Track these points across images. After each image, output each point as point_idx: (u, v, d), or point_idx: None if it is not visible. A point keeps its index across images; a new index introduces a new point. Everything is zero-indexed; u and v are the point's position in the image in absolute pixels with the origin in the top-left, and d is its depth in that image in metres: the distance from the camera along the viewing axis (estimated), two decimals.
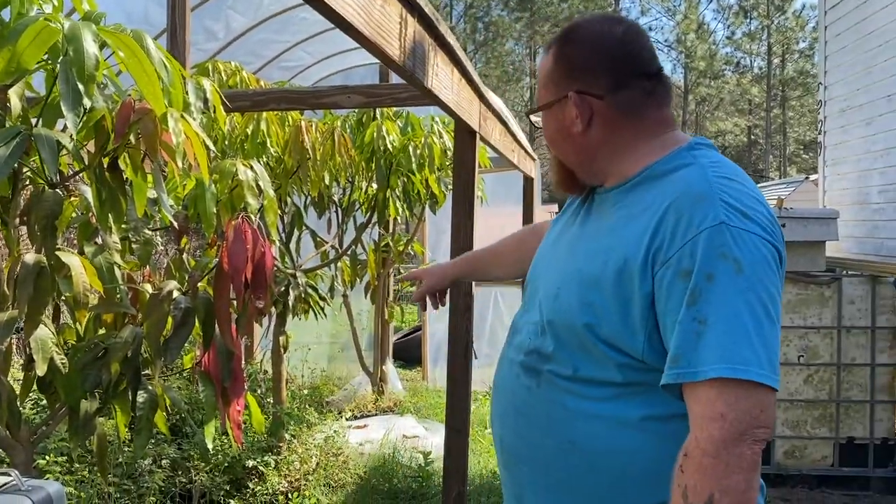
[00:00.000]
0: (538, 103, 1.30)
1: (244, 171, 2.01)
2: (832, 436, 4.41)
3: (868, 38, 5.55)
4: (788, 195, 10.98)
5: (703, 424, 1.01)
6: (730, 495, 0.98)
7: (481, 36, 30.12)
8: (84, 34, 1.30)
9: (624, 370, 1.14)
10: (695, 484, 1.00)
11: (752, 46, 30.81)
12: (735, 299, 1.02)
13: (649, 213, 1.12)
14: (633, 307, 1.11)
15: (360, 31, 1.25)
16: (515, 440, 1.29)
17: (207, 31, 5.46)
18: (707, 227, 1.05)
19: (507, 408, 1.31)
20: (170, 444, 3.67)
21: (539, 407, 1.24)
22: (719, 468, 0.98)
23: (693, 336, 1.03)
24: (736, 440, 0.99)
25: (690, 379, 1.03)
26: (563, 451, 1.21)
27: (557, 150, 1.31)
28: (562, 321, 1.20)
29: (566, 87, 1.23)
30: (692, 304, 1.03)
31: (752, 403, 1.00)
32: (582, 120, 1.22)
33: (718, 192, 1.08)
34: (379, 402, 5.83)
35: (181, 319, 1.73)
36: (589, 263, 1.18)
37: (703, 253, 1.04)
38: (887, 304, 4.36)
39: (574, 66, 1.24)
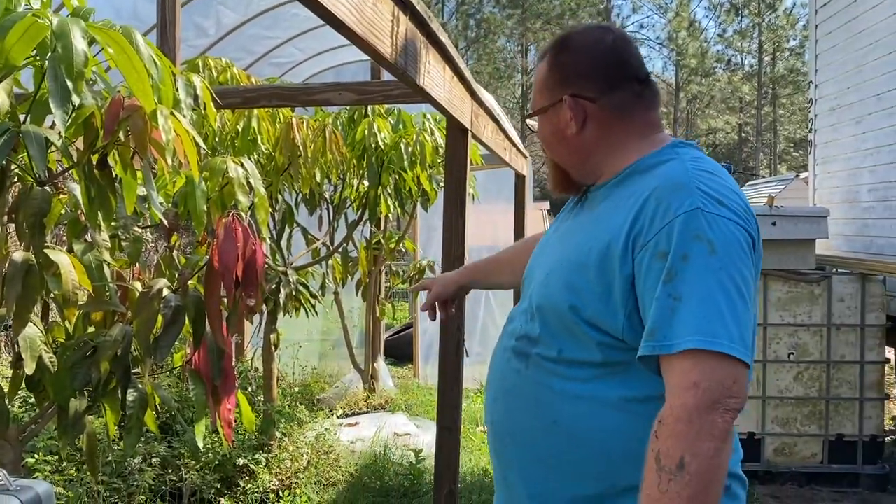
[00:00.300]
0: (533, 109, 1.38)
1: (235, 169, 2.00)
2: (822, 433, 4.43)
3: (858, 36, 5.57)
4: (779, 193, 11.02)
5: (678, 393, 1.06)
6: (699, 459, 1.03)
7: (473, 33, 30.09)
8: (73, 30, 1.29)
9: (604, 350, 1.21)
10: (667, 448, 1.05)
11: (743, 44, 30.90)
12: (708, 278, 1.09)
13: (631, 202, 1.20)
14: (614, 289, 1.18)
15: (352, 28, 1.24)
16: (504, 421, 1.36)
17: (198, 27, 5.43)
18: (683, 212, 1.12)
19: (497, 391, 1.38)
20: (160, 443, 3.66)
21: (526, 389, 1.31)
22: (691, 434, 1.04)
23: (668, 311, 1.09)
24: (708, 408, 1.04)
25: (666, 351, 1.09)
26: (546, 430, 1.27)
27: (553, 153, 1.39)
28: (549, 305, 1.28)
29: (561, 92, 1.31)
30: (668, 281, 1.10)
31: (725, 374, 1.06)
32: (576, 122, 1.30)
33: (696, 182, 1.16)
34: (370, 400, 5.82)
35: (171, 318, 1.72)
36: (576, 251, 1.26)
37: (678, 235, 1.11)
38: (876, 302, 4.38)
39: (568, 71, 1.32)
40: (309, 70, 6.92)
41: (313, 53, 6.67)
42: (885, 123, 5.19)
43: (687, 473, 1.03)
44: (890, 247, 5.06)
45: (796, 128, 29.91)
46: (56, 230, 2.38)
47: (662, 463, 1.05)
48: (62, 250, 1.59)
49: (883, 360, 4.45)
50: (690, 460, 1.03)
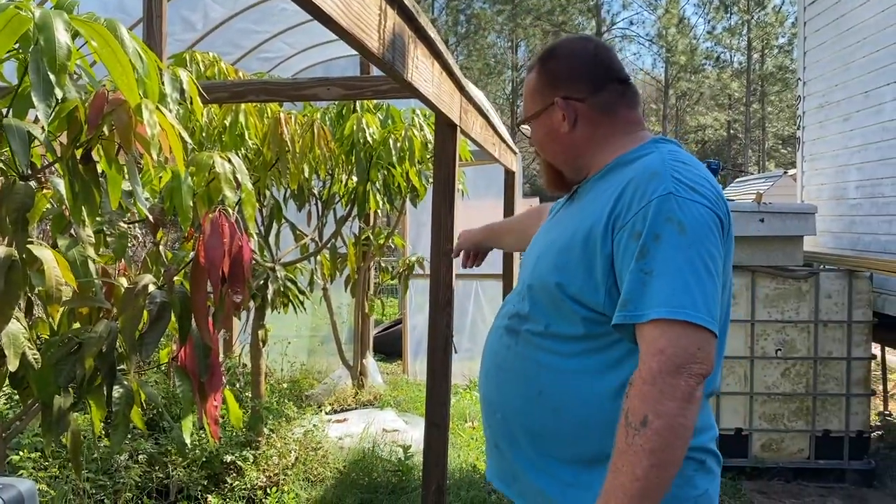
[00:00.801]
0: (526, 116, 1.51)
1: (221, 164, 1.98)
2: (808, 429, 4.46)
3: (846, 34, 5.59)
4: (767, 190, 11.08)
5: (646, 359, 1.18)
6: (662, 418, 1.13)
7: (463, 28, 30.03)
8: (55, 23, 1.27)
9: (587, 324, 1.33)
10: (634, 407, 1.16)
11: (733, 41, 30.99)
12: (677, 255, 1.20)
13: (611, 191, 1.32)
14: (596, 266, 1.29)
15: (339, 23, 1.23)
16: (495, 393, 1.49)
17: (185, 21, 5.39)
18: (657, 196, 1.23)
19: (490, 366, 1.51)
20: (146, 440, 3.64)
21: (516, 363, 1.43)
22: (654, 394, 1.15)
23: (640, 285, 1.20)
24: (672, 372, 1.15)
25: (637, 320, 1.20)
26: (532, 400, 1.39)
27: (546, 153, 1.52)
28: (539, 283, 1.40)
29: (552, 95, 1.45)
30: (641, 258, 1.21)
31: (690, 342, 1.16)
32: (568, 121, 1.44)
33: (671, 171, 1.27)
34: (359, 396, 5.81)
35: (157, 314, 1.70)
36: (562, 235, 1.39)
37: (652, 217, 1.22)
38: (863, 299, 4.41)
39: (557, 77, 1.46)
40: (298, 65, 6.89)
41: (302, 48, 6.64)
42: (872, 121, 5.22)
43: (649, 429, 1.14)
44: (876, 243, 5.10)
45: (784, 125, 30.05)
46: (40, 226, 2.35)
47: (629, 419, 1.16)
48: (46, 246, 1.57)
49: (869, 357, 4.48)
50: (654, 418, 1.14)
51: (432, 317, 2.68)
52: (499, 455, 1.51)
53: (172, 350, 1.91)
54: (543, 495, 1.40)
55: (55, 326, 1.75)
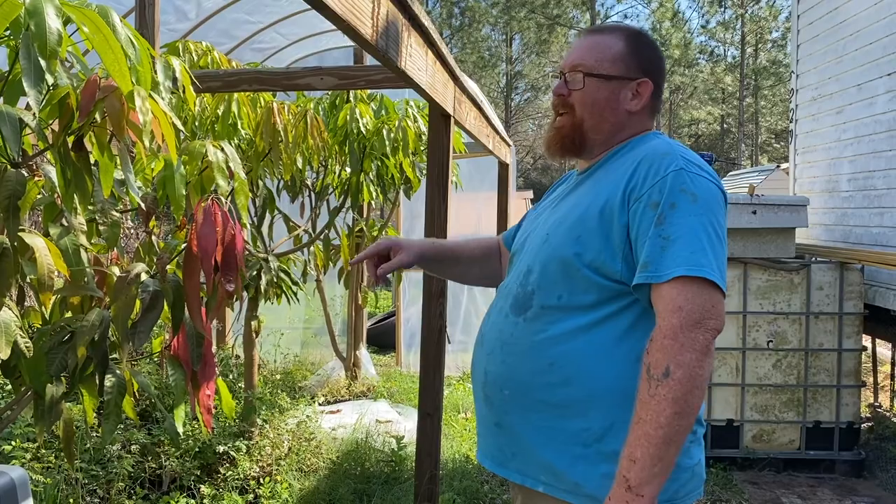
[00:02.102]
0: (600, 71, 1.50)
1: (214, 153, 1.97)
2: (799, 420, 4.48)
3: (840, 27, 5.60)
4: (760, 183, 11.10)
5: (665, 316, 1.28)
6: (682, 368, 1.23)
7: (457, 21, 29.92)
8: (46, 8, 1.26)
9: (602, 290, 1.39)
10: (656, 360, 1.26)
11: (726, 35, 30.98)
12: (692, 221, 1.31)
13: (625, 167, 1.42)
14: (613, 235, 1.37)
15: (333, 9, 1.23)
16: (500, 369, 1.50)
17: (178, 10, 5.36)
18: (672, 171, 1.35)
19: (493, 346, 1.53)
20: (139, 430, 3.64)
21: (524, 337, 1.46)
22: (675, 347, 1.24)
23: (659, 248, 1.30)
24: (691, 327, 1.25)
25: (657, 280, 1.29)
26: (542, 371, 1.42)
27: (592, 115, 1.52)
28: (552, 257, 1.44)
29: (639, 74, 1.51)
30: (659, 224, 1.31)
31: (705, 299, 1.27)
32: (640, 102, 1.52)
33: (679, 151, 1.41)
34: (352, 388, 5.82)
35: (150, 303, 1.70)
36: (575, 210, 1.46)
37: (668, 188, 1.33)
38: (855, 291, 4.43)
39: (652, 64, 1.54)
40: (291, 55, 6.86)
41: (296, 39, 6.61)
42: (864, 114, 5.24)
43: (672, 379, 1.23)
44: (868, 236, 5.12)
45: (777, 119, 30.10)
46: (32, 214, 2.34)
47: (651, 372, 1.25)
48: (38, 234, 1.57)
49: (860, 349, 4.51)
50: (675, 369, 1.23)
51: (426, 308, 2.68)
52: (498, 433, 1.52)
53: (165, 339, 1.91)
54: (551, 468, 1.42)
55: (47, 315, 1.74)
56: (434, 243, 1.90)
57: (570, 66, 1.53)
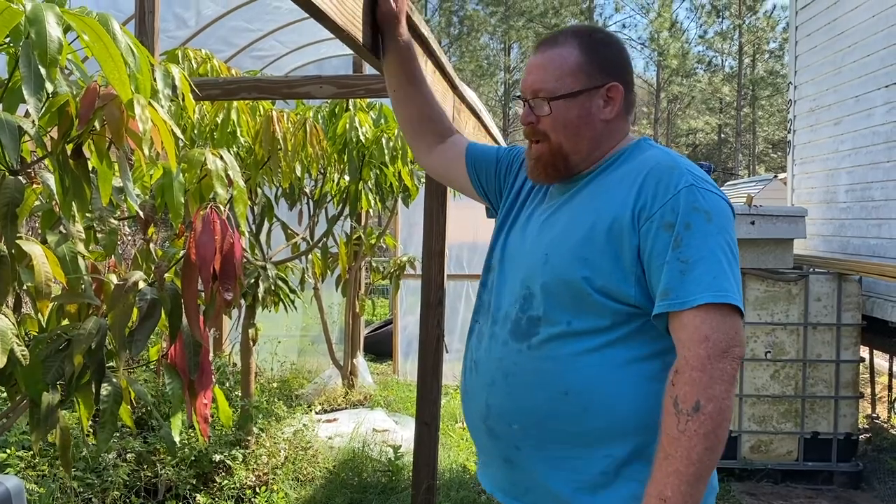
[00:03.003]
0: (562, 91, 1.40)
1: (213, 161, 1.97)
2: (797, 431, 4.48)
3: (838, 38, 5.62)
4: (757, 193, 11.11)
5: (691, 346, 1.21)
6: (713, 402, 1.18)
7: (456, 30, 30.01)
8: (47, 16, 1.26)
9: (616, 315, 1.32)
10: (684, 393, 1.20)
11: (724, 46, 31.09)
12: (710, 242, 1.25)
13: (628, 182, 1.34)
14: (623, 257, 1.30)
15: (334, 19, 1.23)
16: (506, 401, 1.41)
17: (178, 18, 5.36)
18: (683, 188, 1.28)
19: (494, 376, 1.43)
20: (135, 438, 3.62)
21: (531, 365, 1.37)
22: (705, 379, 1.19)
23: (678, 274, 1.24)
24: (719, 357, 1.20)
25: (680, 308, 1.23)
26: (556, 401, 1.35)
27: (568, 136, 1.42)
28: (556, 280, 1.36)
29: (603, 79, 1.41)
30: (676, 248, 1.25)
31: (730, 326, 1.22)
32: (614, 109, 1.42)
33: (684, 165, 1.34)
34: (349, 396, 5.80)
35: (147, 311, 1.69)
36: (576, 228, 1.36)
37: (682, 208, 1.27)
38: (852, 302, 4.43)
39: (612, 63, 1.43)
40: (290, 63, 6.87)
41: (295, 47, 6.62)
42: (862, 125, 5.25)
43: (702, 413, 1.18)
44: (866, 247, 5.12)
45: (775, 129, 30.18)
46: (29, 221, 2.34)
47: (680, 406, 1.19)
48: (36, 241, 1.56)
49: (858, 359, 4.50)
50: (706, 403, 1.18)
51: (423, 316, 2.68)
52: (508, 467, 1.44)
53: (162, 347, 1.90)
54: (571, 500, 1.36)
55: (44, 323, 1.74)
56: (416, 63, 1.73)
57: (531, 92, 1.43)
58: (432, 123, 1.76)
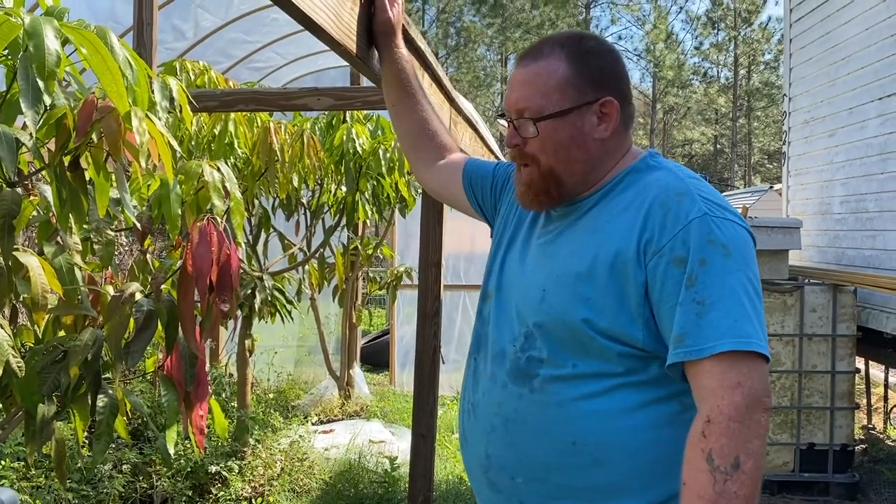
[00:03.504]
0: (551, 110, 1.25)
1: (210, 173, 1.97)
2: (793, 442, 4.48)
3: (832, 51, 5.66)
4: (753, 204, 11.16)
5: (723, 394, 1.07)
6: (753, 458, 1.05)
7: (453, 41, 30.15)
8: (45, 30, 1.27)
9: (624, 360, 1.18)
10: (720, 447, 1.05)
11: (720, 57, 31.26)
12: (728, 280, 1.11)
13: (633, 210, 1.19)
14: (629, 297, 1.16)
15: (330, 34, 1.24)
16: (508, 452, 1.27)
17: (176, 29, 5.39)
18: (694, 218, 1.14)
19: (493, 422, 1.29)
20: (131, 449, 3.61)
21: (534, 412, 1.24)
22: (744, 433, 1.05)
23: (695, 317, 1.10)
24: (753, 407, 1.06)
25: (698, 356, 1.09)
26: (563, 453, 1.21)
27: (559, 159, 1.27)
28: (554, 321, 1.22)
29: (594, 94, 1.25)
30: (690, 286, 1.11)
31: (759, 373, 1.09)
32: (610, 126, 1.26)
33: (695, 189, 1.18)
34: (346, 407, 5.79)
35: (143, 322, 1.69)
36: (576, 261, 1.22)
37: (694, 241, 1.12)
38: (847, 313, 4.44)
39: (605, 75, 1.27)
40: (288, 75, 6.89)
41: (293, 58, 6.65)
42: (856, 137, 5.28)
43: (742, 472, 1.04)
44: (861, 258, 5.14)
45: (770, 140, 30.30)
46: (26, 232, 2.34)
47: (716, 463, 1.04)
48: (32, 253, 1.56)
49: (853, 370, 4.51)
50: (745, 459, 1.04)
51: (420, 327, 2.68)
52: None
53: (159, 359, 1.90)
54: None
55: (40, 334, 1.74)
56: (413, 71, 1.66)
57: (515, 111, 1.27)
58: (431, 139, 1.67)
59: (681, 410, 1.18)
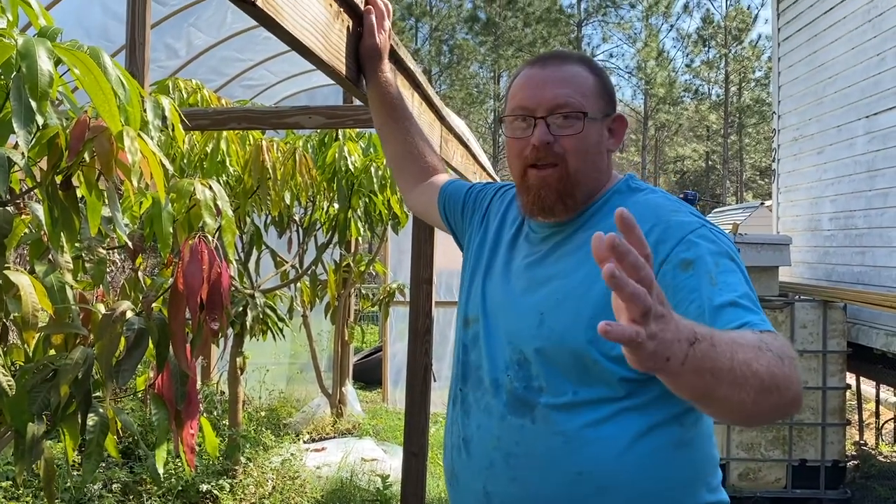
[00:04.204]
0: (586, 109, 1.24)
1: (202, 191, 1.98)
2: (785, 458, 4.48)
3: (819, 70, 5.73)
4: (744, 220, 11.21)
5: (759, 321, 1.03)
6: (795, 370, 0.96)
7: (446, 59, 30.33)
8: (38, 50, 1.28)
9: (628, 383, 1.15)
10: (772, 340, 0.95)
11: (710, 74, 31.54)
12: (740, 278, 1.10)
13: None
14: None
15: (319, 55, 1.25)
16: (511, 488, 1.22)
17: (169, 48, 5.41)
18: (695, 229, 1.15)
19: (493, 457, 1.24)
20: (121, 468, 3.59)
21: (536, 444, 1.20)
22: (787, 347, 0.97)
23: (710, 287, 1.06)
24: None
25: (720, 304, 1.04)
26: (569, 483, 1.17)
27: (586, 163, 1.25)
28: (555, 345, 1.19)
29: (611, 108, 1.29)
30: (706, 276, 1.08)
31: None
32: (616, 141, 1.31)
33: (685, 208, 1.22)
34: (337, 425, 5.77)
35: (134, 341, 1.70)
36: (575, 282, 1.19)
37: (701, 246, 1.12)
38: (838, 329, 4.46)
39: (613, 92, 1.32)
40: (281, 92, 6.92)
41: (285, 76, 6.68)
42: (844, 154, 5.33)
43: (786, 360, 0.93)
44: (850, 274, 5.17)
45: (761, 156, 30.52)
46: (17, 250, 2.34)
47: (766, 344, 0.93)
48: (23, 271, 1.57)
49: (844, 386, 4.53)
50: (790, 360, 0.95)
51: (411, 345, 2.68)
52: None
53: (149, 377, 1.90)
54: None
55: (30, 353, 1.74)
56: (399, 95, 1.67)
57: (551, 107, 1.23)
58: (416, 161, 1.66)
59: (682, 432, 1.16)
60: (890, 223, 4.74)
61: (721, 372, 0.86)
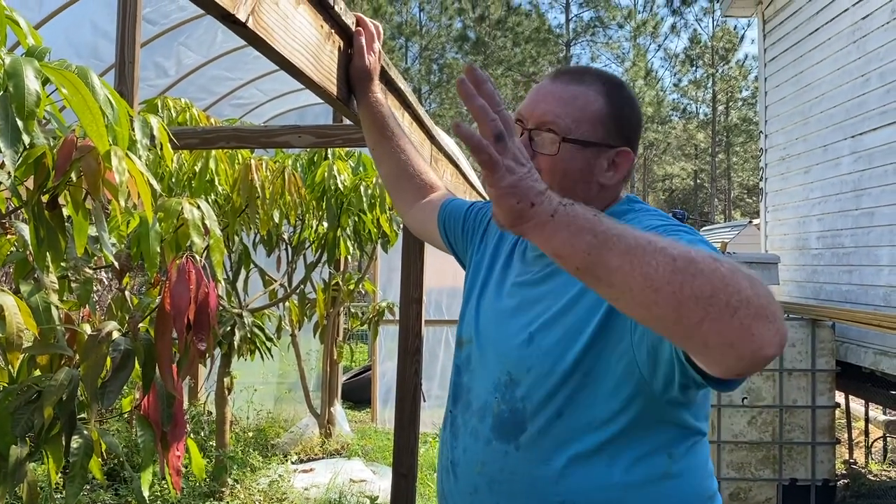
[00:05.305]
0: (571, 133, 1.19)
1: (190, 210, 1.97)
2: (776, 477, 4.47)
3: (805, 90, 5.79)
4: (733, 238, 11.28)
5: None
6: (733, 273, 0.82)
7: (436, 77, 30.51)
8: (25, 70, 1.27)
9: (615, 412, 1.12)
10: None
11: (698, 94, 31.85)
12: None
13: None
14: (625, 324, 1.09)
15: (310, 77, 1.25)
16: None
17: (158, 66, 5.42)
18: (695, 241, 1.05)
19: (477, 483, 1.21)
20: (106, 491, 3.54)
21: (521, 471, 1.16)
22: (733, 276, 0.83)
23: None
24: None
25: None
26: None
27: (561, 187, 1.16)
28: (543, 365, 1.16)
29: (617, 140, 1.22)
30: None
31: None
32: (616, 176, 1.23)
33: (684, 227, 1.14)
34: (326, 445, 5.72)
35: (120, 362, 1.68)
36: (566, 302, 1.16)
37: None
38: (826, 347, 4.48)
39: (631, 126, 1.25)
40: (271, 111, 6.93)
41: (275, 95, 6.69)
42: (831, 174, 5.38)
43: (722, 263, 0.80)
44: (838, 293, 5.20)
45: (749, 175, 30.76)
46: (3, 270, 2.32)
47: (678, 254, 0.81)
48: (8, 291, 1.55)
49: (833, 405, 4.53)
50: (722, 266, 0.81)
51: (401, 365, 2.67)
52: None
53: (135, 398, 1.88)
54: None
55: (14, 374, 1.71)
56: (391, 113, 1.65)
57: (537, 122, 1.20)
58: (411, 179, 1.65)
59: (670, 464, 1.12)
60: (876, 242, 4.77)
61: (606, 235, 0.79)
